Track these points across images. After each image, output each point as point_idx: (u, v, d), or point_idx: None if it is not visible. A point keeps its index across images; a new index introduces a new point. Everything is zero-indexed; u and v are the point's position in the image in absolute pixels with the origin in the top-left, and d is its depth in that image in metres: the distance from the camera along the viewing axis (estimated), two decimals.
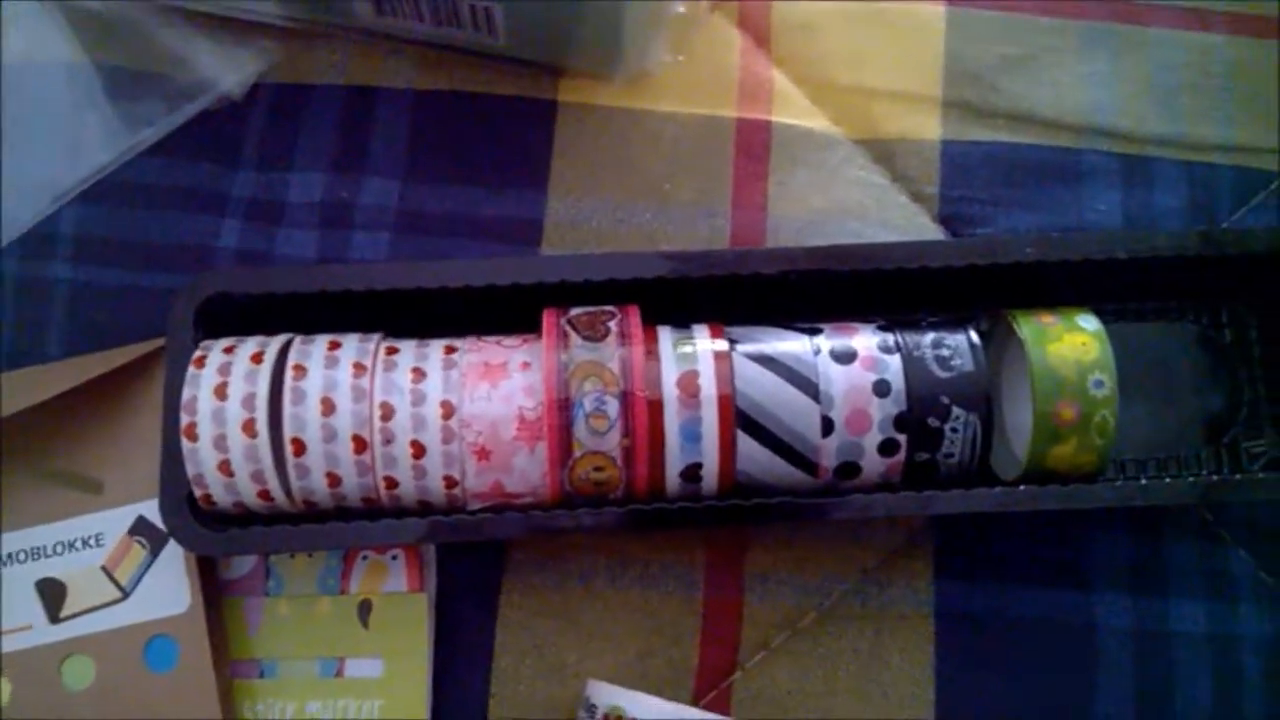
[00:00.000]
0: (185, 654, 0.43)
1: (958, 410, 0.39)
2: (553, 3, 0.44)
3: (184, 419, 0.39)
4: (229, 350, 0.40)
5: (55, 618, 0.43)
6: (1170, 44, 0.51)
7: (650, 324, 0.41)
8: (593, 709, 0.40)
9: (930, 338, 0.40)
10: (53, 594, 0.44)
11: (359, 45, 0.50)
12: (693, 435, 0.39)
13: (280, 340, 0.41)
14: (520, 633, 0.45)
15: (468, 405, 0.39)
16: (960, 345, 0.40)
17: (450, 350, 0.40)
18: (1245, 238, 0.42)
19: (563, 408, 0.38)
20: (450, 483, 0.39)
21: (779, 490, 0.40)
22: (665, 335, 0.40)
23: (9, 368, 0.46)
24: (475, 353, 0.40)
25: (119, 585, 0.44)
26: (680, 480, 0.39)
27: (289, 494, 0.40)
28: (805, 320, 0.42)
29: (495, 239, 0.48)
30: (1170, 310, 0.46)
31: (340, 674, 0.43)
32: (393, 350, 0.40)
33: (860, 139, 0.49)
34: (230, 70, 0.49)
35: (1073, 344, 0.39)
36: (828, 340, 0.40)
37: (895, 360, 0.40)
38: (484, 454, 0.39)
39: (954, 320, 0.41)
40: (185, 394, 0.39)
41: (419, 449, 0.39)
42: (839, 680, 0.44)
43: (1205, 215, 0.48)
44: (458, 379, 0.39)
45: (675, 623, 0.45)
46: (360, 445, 0.39)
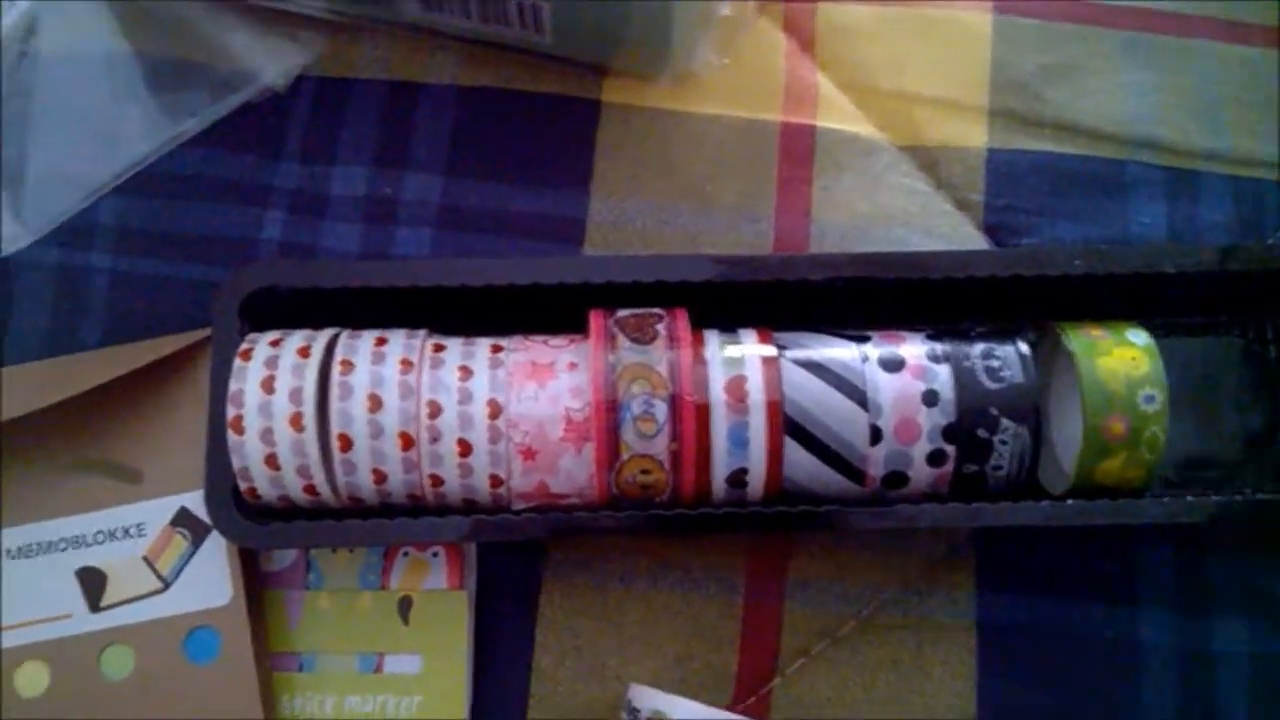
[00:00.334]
0: (226, 646, 0.43)
1: (1007, 422, 0.39)
2: (602, 2, 0.44)
3: (230, 412, 0.39)
4: (275, 343, 0.40)
5: (95, 607, 0.43)
6: (1213, 56, 0.50)
7: (696, 328, 0.41)
8: (635, 713, 0.40)
9: (979, 348, 0.40)
10: (93, 583, 0.44)
11: (403, 40, 0.50)
12: (740, 440, 0.39)
13: (327, 334, 0.41)
14: (560, 633, 0.45)
15: (515, 405, 0.39)
16: (1010, 356, 0.40)
17: (497, 349, 0.40)
18: None
19: (611, 409, 0.38)
20: (496, 482, 0.39)
21: (825, 498, 0.40)
22: (712, 339, 0.40)
23: (48, 355, 0.46)
24: (522, 352, 0.40)
25: (160, 576, 0.44)
26: (726, 485, 0.39)
27: (334, 489, 0.40)
28: (849, 327, 0.42)
29: (537, 238, 0.48)
30: (1215, 325, 0.45)
31: (379, 669, 0.43)
32: (439, 348, 0.40)
33: (905, 145, 0.49)
34: (274, 62, 0.49)
35: (1123, 358, 0.39)
36: (875, 348, 0.40)
37: (944, 370, 0.40)
38: (530, 454, 0.39)
39: (1002, 331, 0.41)
40: (232, 387, 0.39)
41: (465, 447, 0.39)
42: (878, 690, 0.44)
43: (1251, 230, 0.48)
44: (504, 378, 0.39)
45: (715, 627, 0.45)
46: (407, 442, 0.39)
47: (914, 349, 0.40)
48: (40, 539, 0.44)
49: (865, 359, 0.40)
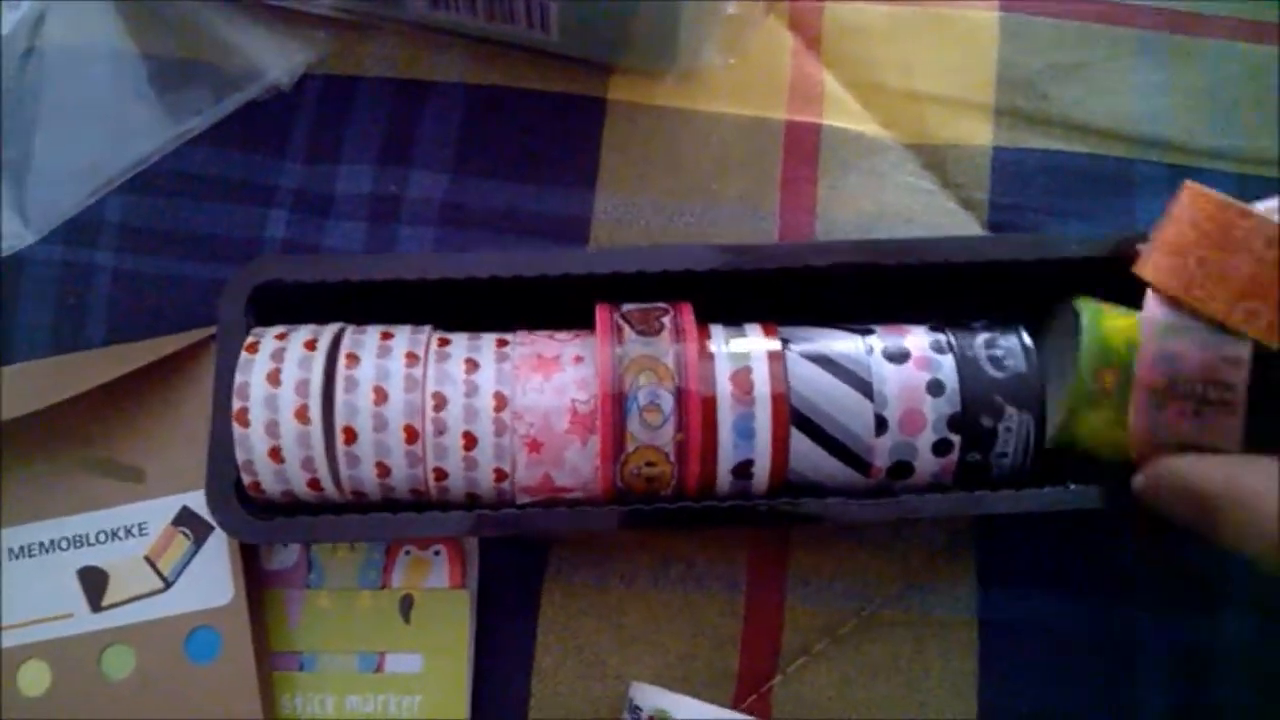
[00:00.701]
0: (227, 646, 0.42)
1: (1011, 410, 0.39)
2: (609, 0, 0.44)
3: (236, 404, 0.39)
4: (281, 337, 0.40)
5: (97, 606, 0.43)
6: (1225, 55, 0.50)
7: (701, 322, 0.41)
8: (637, 711, 0.39)
9: (983, 338, 0.40)
10: (94, 583, 0.43)
11: (410, 38, 0.49)
12: (746, 432, 0.38)
13: (333, 329, 0.40)
14: (562, 632, 0.44)
15: (520, 398, 0.39)
16: (1013, 346, 0.40)
17: (503, 343, 0.40)
18: None
19: (617, 401, 0.38)
20: (500, 475, 0.39)
21: (830, 489, 0.40)
22: (718, 333, 0.40)
23: (51, 354, 0.46)
24: (528, 346, 0.40)
25: (162, 575, 0.43)
26: (732, 477, 0.39)
27: (338, 483, 0.39)
28: (853, 321, 0.42)
29: (542, 236, 0.48)
30: None
31: (380, 669, 0.43)
32: (445, 342, 0.40)
33: (911, 144, 0.49)
34: (279, 60, 0.49)
35: (1129, 323, 0.39)
36: (880, 340, 0.40)
37: (948, 360, 0.40)
38: (535, 446, 0.39)
39: (1004, 321, 0.41)
40: (238, 379, 0.39)
41: (471, 440, 0.38)
42: (880, 687, 0.44)
43: None
44: (510, 371, 0.39)
45: (717, 626, 0.44)
46: (412, 435, 0.38)
47: (918, 340, 0.40)
48: (42, 538, 0.44)
49: (870, 350, 0.40)
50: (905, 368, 0.39)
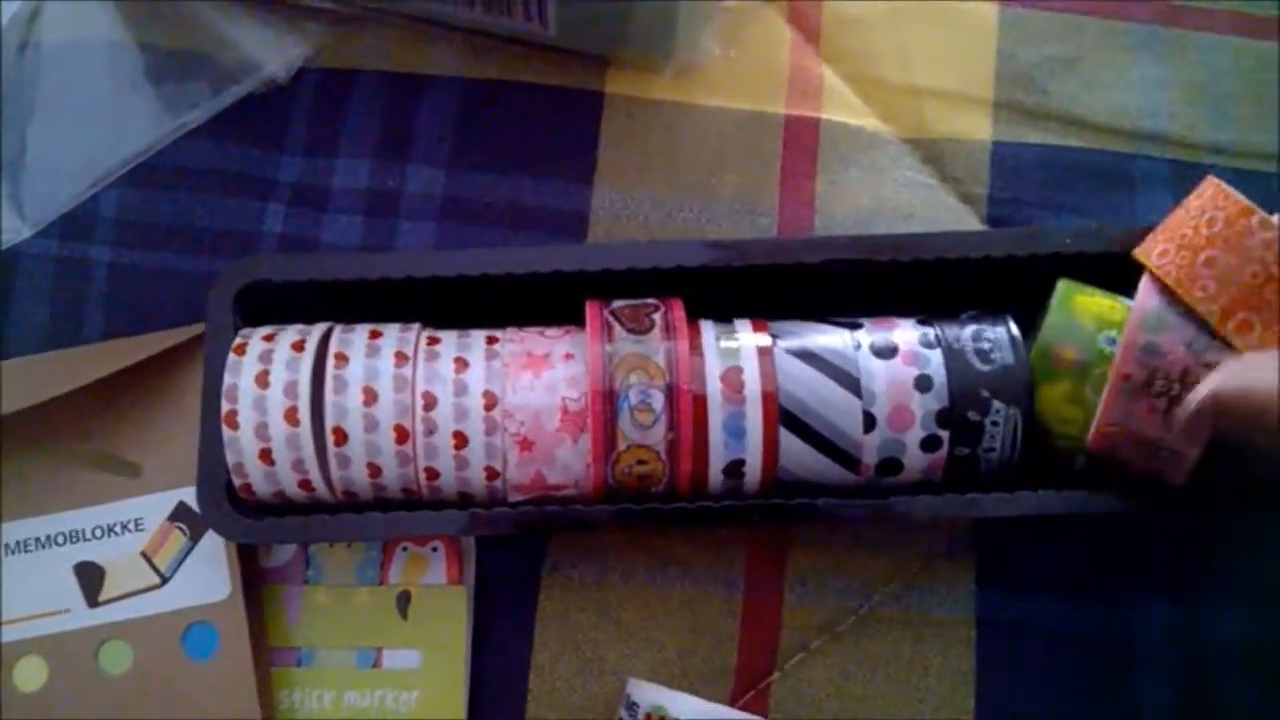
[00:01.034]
0: (224, 641, 0.42)
1: (998, 404, 0.39)
2: None
3: (224, 406, 0.39)
4: (269, 338, 0.40)
5: (93, 602, 0.43)
6: (1223, 50, 0.50)
7: (691, 318, 0.40)
8: (634, 708, 0.39)
9: (970, 330, 0.40)
10: (91, 578, 0.43)
11: (406, 31, 0.49)
12: (736, 431, 0.38)
13: (321, 329, 0.40)
14: (559, 628, 0.44)
15: (510, 396, 0.39)
16: (1000, 339, 0.40)
17: (492, 341, 0.40)
18: None
19: (608, 399, 0.38)
20: (491, 474, 0.39)
21: (820, 487, 0.40)
22: (708, 330, 0.40)
23: (47, 348, 0.46)
24: (517, 343, 0.40)
25: (158, 571, 0.43)
26: (723, 476, 0.39)
27: (329, 483, 0.39)
28: (843, 315, 0.42)
29: (540, 230, 0.48)
30: None
31: (378, 664, 0.43)
32: (434, 340, 0.40)
33: (909, 138, 0.49)
34: (276, 54, 0.49)
35: (1102, 305, 0.39)
36: (868, 335, 0.40)
37: (936, 355, 0.39)
38: (526, 444, 0.39)
39: (992, 312, 0.41)
40: (226, 381, 0.39)
41: (461, 439, 0.38)
42: (877, 685, 0.44)
43: None
44: (500, 369, 0.39)
45: (715, 622, 0.44)
46: (402, 435, 0.38)
47: (906, 334, 0.40)
48: (38, 533, 0.44)
49: (858, 346, 0.40)
50: (893, 363, 0.39)
